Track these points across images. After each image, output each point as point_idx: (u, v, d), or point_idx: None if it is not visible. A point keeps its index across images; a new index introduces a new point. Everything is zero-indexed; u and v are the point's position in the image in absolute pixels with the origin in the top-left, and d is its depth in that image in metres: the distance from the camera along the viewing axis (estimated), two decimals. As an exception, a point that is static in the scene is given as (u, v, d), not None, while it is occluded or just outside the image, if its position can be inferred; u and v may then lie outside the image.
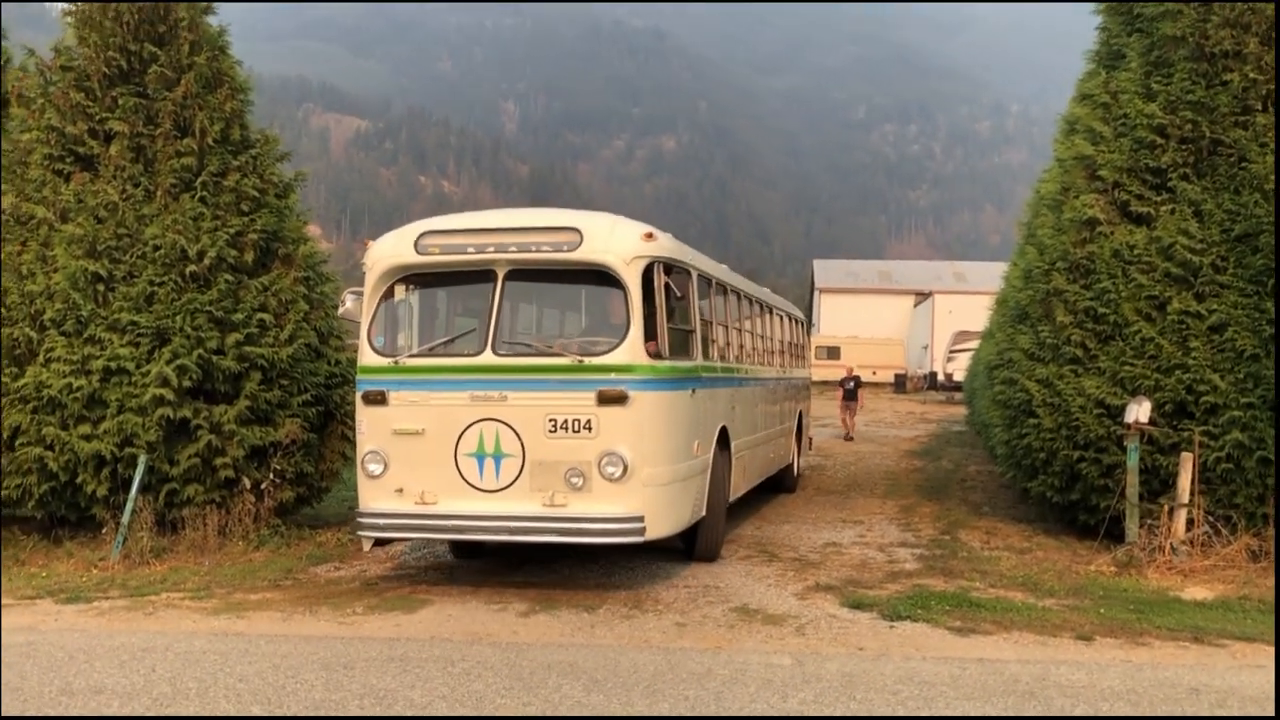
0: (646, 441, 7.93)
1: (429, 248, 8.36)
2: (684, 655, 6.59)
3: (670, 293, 8.26)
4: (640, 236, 8.21)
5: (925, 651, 6.69)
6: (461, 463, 8.02)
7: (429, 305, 8.94)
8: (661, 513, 8.05)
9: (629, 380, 7.88)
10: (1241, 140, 9.55)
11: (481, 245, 8.23)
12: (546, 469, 7.90)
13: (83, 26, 10.67)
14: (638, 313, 7.98)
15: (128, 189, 10.34)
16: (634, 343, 7.94)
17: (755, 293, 12.72)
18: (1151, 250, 9.74)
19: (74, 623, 7.59)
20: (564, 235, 8.12)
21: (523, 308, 9.07)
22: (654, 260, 8.20)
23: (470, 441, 8.00)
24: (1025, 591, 8.36)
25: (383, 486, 8.23)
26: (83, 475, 9.98)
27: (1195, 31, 9.77)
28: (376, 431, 8.27)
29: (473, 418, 7.99)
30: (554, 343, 8.40)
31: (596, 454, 7.83)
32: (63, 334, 10.01)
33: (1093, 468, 9.94)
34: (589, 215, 8.50)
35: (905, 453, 20.39)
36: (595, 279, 8.27)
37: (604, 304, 8.51)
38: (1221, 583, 8.50)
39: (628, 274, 8.01)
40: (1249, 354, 9.24)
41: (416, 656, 6.55)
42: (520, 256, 8.15)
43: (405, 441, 8.15)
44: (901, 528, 11.60)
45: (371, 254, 8.64)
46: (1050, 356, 10.38)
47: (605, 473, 7.83)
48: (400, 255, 8.46)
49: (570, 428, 7.87)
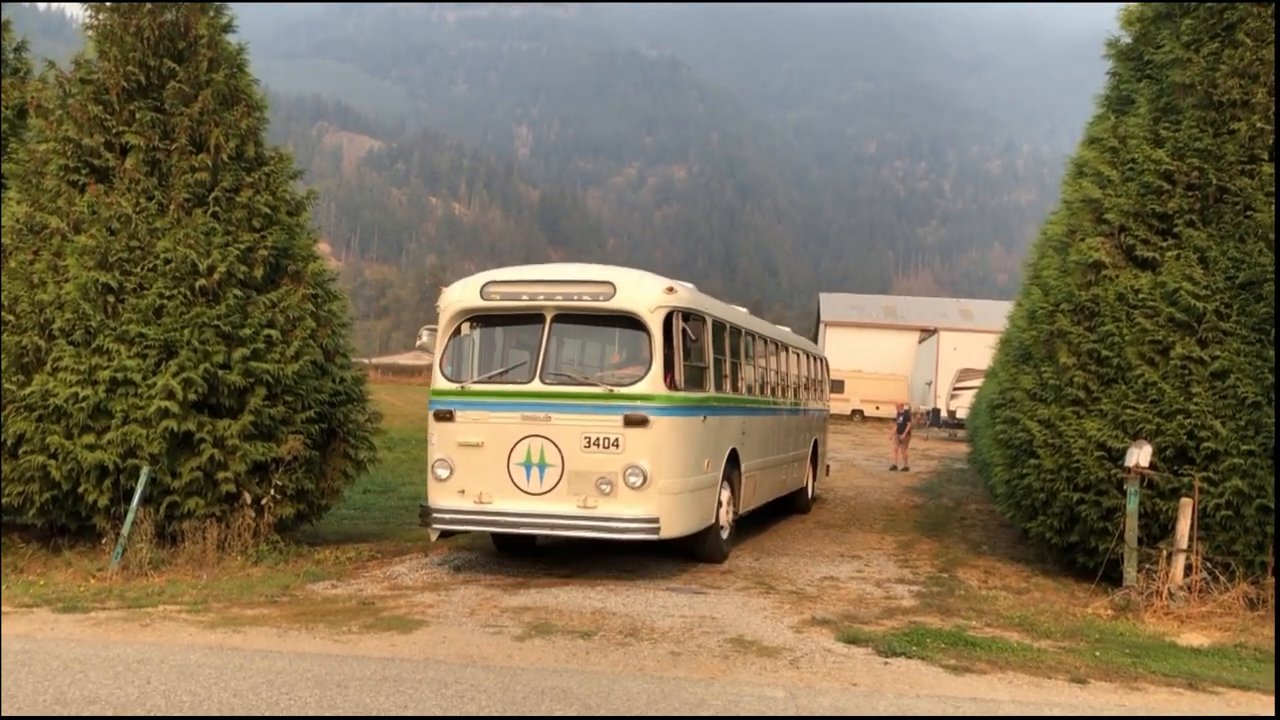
0: (663, 457, 9.56)
1: (492, 294, 10.12)
2: (678, 684, 6.58)
3: (687, 335, 9.91)
4: (663, 290, 9.89)
5: (919, 689, 6.68)
6: (513, 470, 9.70)
7: (489, 340, 10.49)
8: (674, 516, 9.64)
9: (650, 407, 9.55)
10: (1247, 189, 9.60)
11: (534, 294, 9.99)
12: (581, 477, 9.56)
13: (104, 40, 10.80)
14: (659, 352, 9.65)
15: (141, 202, 10.44)
16: (655, 377, 9.62)
17: (771, 333, 14.34)
18: (1156, 295, 9.78)
19: (70, 632, 7.61)
20: (601, 288, 9.89)
21: (566, 344, 10.48)
22: (674, 309, 9.85)
23: (520, 453, 9.69)
24: (1021, 632, 8.34)
25: (449, 487, 9.91)
26: (85, 485, 10.02)
27: (1204, 80, 9.85)
28: (445, 442, 9.97)
29: (523, 434, 9.68)
30: (590, 375, 10.07)
31: (622, 466, 9.49)
32: (71, 344, 10.08)
33: (1092, 510, 9.94)
34: (622, 271, 10.26)
35: (906, 489, 20.36)
36: (625, 323, 9.96)
37: (631, 343, 10.08)
38: (1218, 630, 8.47)
39: (651, 320, 9.70)
40: (1250, 401, 9.25)
41: (410, 677, 6.56)
42: (565, 304, 9.91)
43: (468, 451, 9.84)
44: (900, 564, 11.58)
45: (444, 298, 10.42)
46: (1052, 397, 10.40)
47: (628, 481, 9.47)
48: (468, 300, 10.20)
49: (601, 444, 9.54)
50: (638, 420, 9.49)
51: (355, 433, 11.58)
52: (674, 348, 9.79)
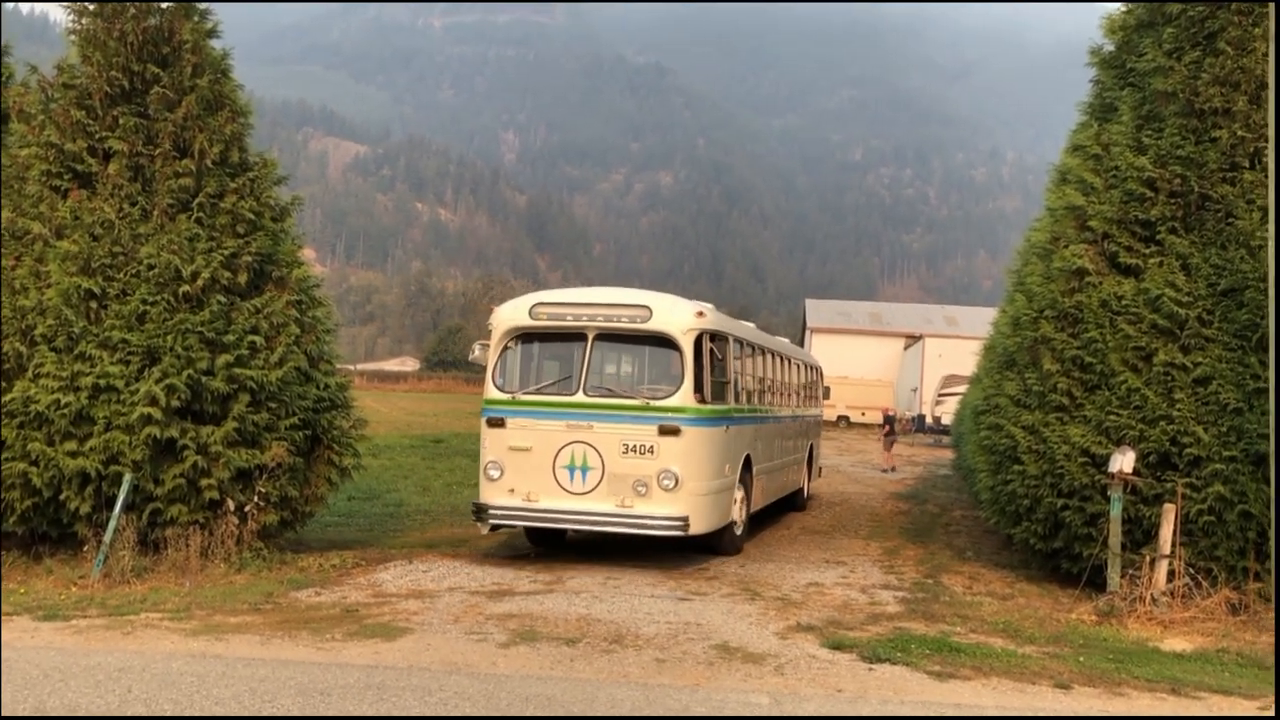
0: (692, 463, 10.72)
1: (539, 314, 11.24)
2: (662, 691, 6.58)
3: (713, 354, 11.10)
4: (694, 314, 11.06)
5: (903, 695, 6.69)
6: (557, 472, 10.79)
7: (536, 355, 11.55)
8: (701, 515, 10.78)
9: (681, 418, 10.68)
10: (1229, 196, 9.67)
11: (577, 314, 11.13)
12: (619, 479, 10.66)
13: (87, 45, 10.74)
14: (690, 369, 10.78)
15: (125, 208, 10.38)
16: (686, 391, 10.75)
17: (775, 346, 15.57)
18: (1139, 301, 9.84)
19: (51, 640, 7.55)
20: (638, 311, 11.02)
21: (606, 360, 11.55)
22: (703, 331, 11.01)
23: (564, 457, 10.78)
24: (1006, 638, 8.36)
25: (500, 487, 10.99)
26: (66, 492, 9.95)
27: (1186, 88, 9.92)
28: (496, 446, 11.06)
29: (567, 440, 10.78)
30: (628, 388, 11.10)
31: (656, 470, 10.62)
32: (53, 350, 10.01)
33: (1076, 516, 9.97)
34: (658, 296, 11.44)
35: (891, 495, 20.41)
36: (659, 343, 11.08)
37: (665, 361, 11.12)
38: (1201, 635, 8.51)
39: (683, 341, 10.86)
40: (1232, 407, 9.31)
41: (394, 685, 6.53)
42: (605, 325, 11.05)
43: (517, 455, 10.93)
44: (885, 570, 11.60)
45: (496, 316, 11.52)
46: (1036, 404, 10.44)
47: (662, 484, 10.59)
48: (518, 319, 11.32)
49: (638, 450, 10.67)
50: (671, 430, 10.62)
51: (340, 439, 11.53)
52: (703, 366, 10.92)
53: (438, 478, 19.62)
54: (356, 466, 11.94)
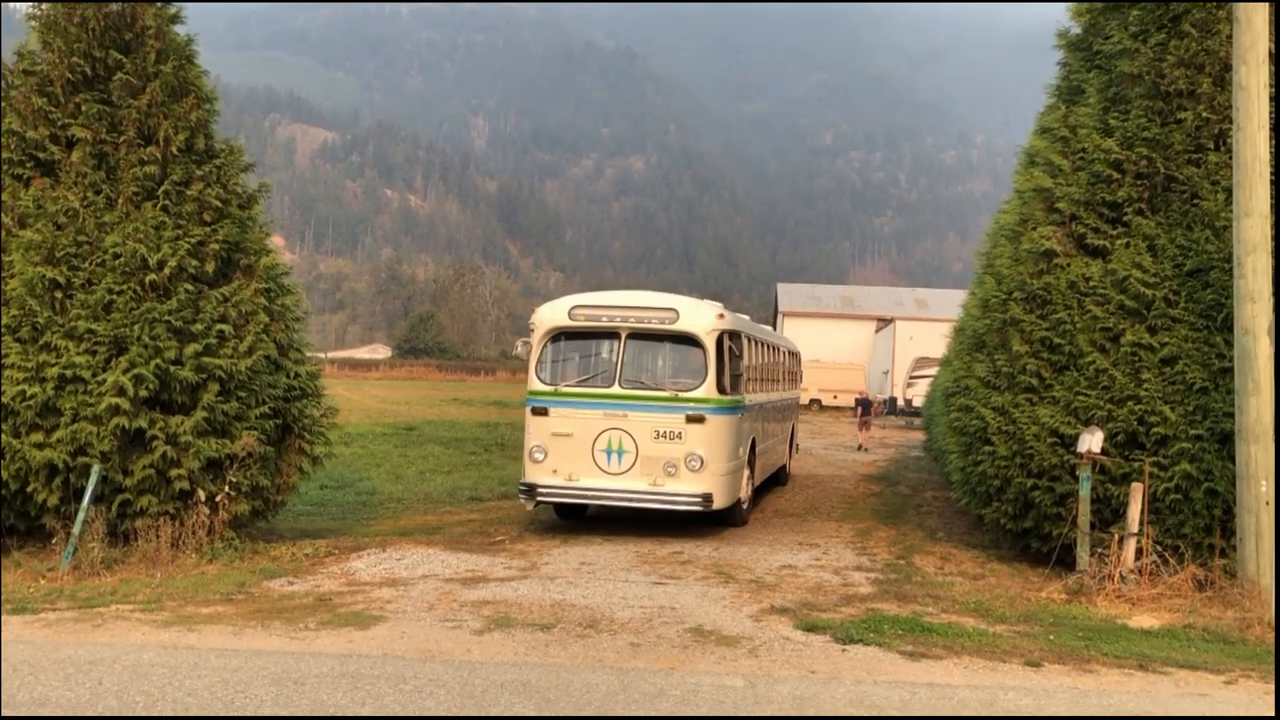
0: (714, 447, 12.05)
1: (577, 315, 12.51)
2: (637, 675, 6.60)
3: (730, 351, 12.46)
4: (715, 316, 12.38)
5: (876, 675, 6.74)
6: (596, 455, 12.05)
7: (575, 351, 12.81)
8: (721, 492, 12.12)
9: (705, 408, 12.00)
10: (1194, 177, 9.77)
11: (611, 316, 12.41)
12: (651, 461, 11.93)
13: (47, 31, 10.57)
14: (712, 365, 12.11)
15: (89, 196, 10.25)
16: (709, 384, 12.09)
17: (769, 337, 17.04)
18: (1106, 283, 9.92)
19: (20, 634, 7.47)
20: (666, 313, 12.31)
21: (638, 356, 12.59)
22: (723, 331, 12.35)
23: (602, 442, 12.04)
24: (977, 617, 8.44)
25: (544, 468, 12.20)
26: (34, 484, 9.83)
27: (1151, 70, 10.00)
28: (540, 432, 12.26)
29: (604, 426, 12.06)
30: (658, 381, 12.35)
31: (684, 454, 11.90)
32: (18, 340, 9.88)
33: (1046, 496, 10.07)
34: (684, 299, 12.82)
35: (863, 477, 20.53)
36: (686, 341, 12.35)
37: (690, 357, 12.38)
38: (1168, 611, 8.63)
39: (707, 340, 12.17)
40: (1199, 387, 9.42)
41: (368, 673, 6.52)
42: (637, 325, 12.31)
43: (559, 440, 12.16)
44: (857, 552, 11.68)
45: (538, 316, 12.79)
46: (1006, 385, 10.52)
47: (689, 466, 11.88)
48: (557, 319, 12.59)
49: (667, 436, 11.95)
50: (697, 418, 11.92)
51: (311, 428, 11.45)
52: (723, 361, 12.27)
53: (410, 465, 19.55)
54: (328, 455, 11.88)
